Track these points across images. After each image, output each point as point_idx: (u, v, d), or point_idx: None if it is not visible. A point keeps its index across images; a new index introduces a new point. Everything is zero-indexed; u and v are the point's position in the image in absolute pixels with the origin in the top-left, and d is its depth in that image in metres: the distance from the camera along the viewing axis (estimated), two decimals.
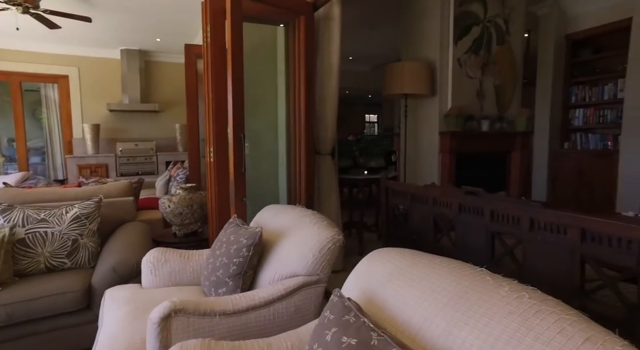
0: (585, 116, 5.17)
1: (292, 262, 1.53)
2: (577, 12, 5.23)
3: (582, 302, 1.31)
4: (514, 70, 4.16)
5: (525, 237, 1.47)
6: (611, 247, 1.21)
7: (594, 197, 4.86)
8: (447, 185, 1.87)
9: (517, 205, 1.49)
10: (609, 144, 4.87)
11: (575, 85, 5.31)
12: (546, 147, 5.39)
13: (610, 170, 4.70)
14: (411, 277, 1.01)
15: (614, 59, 4.91)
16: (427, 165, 3.87)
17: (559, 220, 1.35)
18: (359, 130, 13.45)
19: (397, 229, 2.29)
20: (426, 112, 3.86)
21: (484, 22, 3.86)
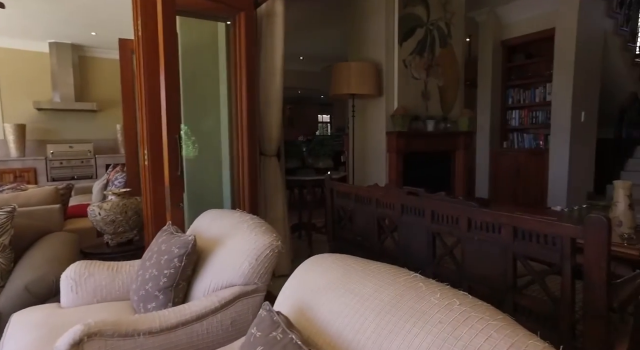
0: (521, 117, 5.51)
1: (228, 271, 1.44)
2: (511, 20, 5.55)
3: (515, 299, 1.34)
4: (456, 72, 4.31)
5: (464, 237, 1.49)
6: (539, 243, 1.25)
7: (529, 193, 5.18)
8: (390, 186, 1.86)
9: (456, 205, 1.50)
10: (541, 143, 5.21)
11: (512, 88, 5.64)
12: (487, 146, 5.67)
13: (542, 167, 5.03)
14: (345, 286, 0.96)
15: (542, 64, 5.27)
16: (375, 165, 3.91)
17: (494, 219, 1.37)
18: (310, 130, 13.46)
19: (343, 230, 2.26)
20: (373, 112, 3.90)
21: (427, 25, 3.97)
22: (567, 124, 4.74)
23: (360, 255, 2.15)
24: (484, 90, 5.66)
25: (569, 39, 4.68)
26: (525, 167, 5.24)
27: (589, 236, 1.10)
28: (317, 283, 1.02)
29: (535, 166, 5.13)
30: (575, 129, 4.79)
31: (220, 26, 2.77)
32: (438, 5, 4.04)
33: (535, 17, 5.26)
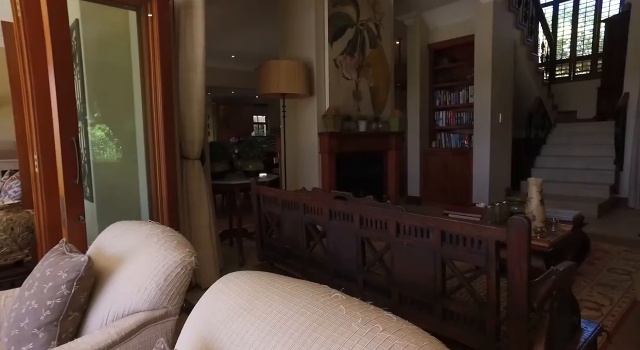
0: (447, 118, 5.78)
1: (131, 296, 1.23)
2: (436, 25, 5.81)
3: (444, 304, 1.30)
4: (386, 73, 4.37)
5: (393, 242, 1.43)
6: (465, 246, 1.21)
7: (456, 190, 5.45)
8: (317, 191, 1.76)
9: (384, 209, 1.44)
10: (466, 143, 5.51)
11: (439, 90, 5.90)
12: (417, 146, 5.87)
13: (467, 165, 5.31)
14: (256, 312, 0.82)
15: (465, 68, 5.57)
16: (308, 166, 3.81)
17: (422, 223, 1.32)
18: (245, 131, 13.10)
19: (271, 238, 2.12)
20: (305, 113, 3.81)
21: (357, 25, 3.97)
22: (487, 124, 5.05)
23: (290, 264, 2.05)
24: (413, 91, 5.86)
25: (486, 45, 4.99)
26: (452, 165, 5.50)
27: (511, 238, 1.08)
28: (226, 309, 0.88)
29: (461, 165, 5.41)
30: (494, 129, 5.13)
31: (132, 15, 2.48)
32: (367, 6, 4.07)
33: (457, 23, 5.55)
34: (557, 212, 2.96)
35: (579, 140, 6.20)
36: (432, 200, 5.70)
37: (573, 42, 7.89)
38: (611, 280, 2.71)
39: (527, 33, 6.03)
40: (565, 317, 1.36)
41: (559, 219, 2.81)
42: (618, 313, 2.23)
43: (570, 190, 5.39)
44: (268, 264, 2.17)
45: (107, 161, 2.90)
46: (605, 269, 2.93)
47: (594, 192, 5.19)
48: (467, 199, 5.28)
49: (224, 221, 4.00)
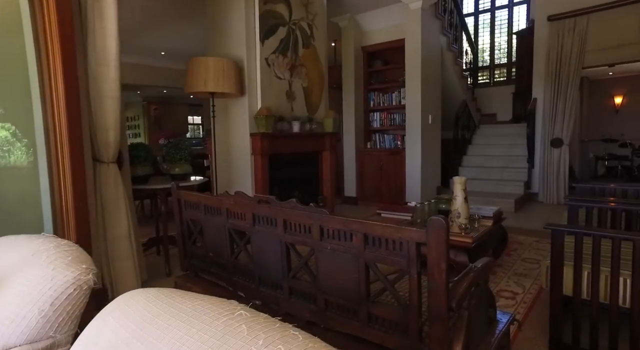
0: (381, 119, 5.94)
1: (3, 328, 1.04)
2: (370, 28, 5.95)
3: (369, 309, 1.27)
4: (320, 74, 4.36)
5: (317, 247, 1.37)
6: (388, 249, 1.19)
7: (391, 189, 5.61)
8: (240, 194, 1.65)
9: (307, 212, 1.38)
10: (399, 143, 5.69)
11: (373, 92, 6.04)
12: (353, 146, 5.96)
13: (401, 165, 5.49)
14: (148, 339, 0.71)
15: (397, 70, 5.76)
16: (240, 168, 3.67)
17: (345, 226, 1.28)
18: (176, 132, 12.46)
19: (194, 246, 1.97)
20: (236, 113, 3.66)
21: (290, 24, 3.90)
22: (418, 125, 5.26)
23: (215, 273, 1.91)
24: (348, 93, 5.94)
25: (415, 49, 5.20)
26: (387, 165, 5.66)
27: (431, 238, 1.08)
28: (112, 339, 0.75)
29: (395, 164, 5.58)
30: (425, 130, 5.36)
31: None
32: (300, 5, 4.02)
33: (389, 27, 5.73)
34: (479, 209, 3.14)
35: (499, 140, 6.71)
36: (368, 200, 5.81)
37: (492, 50, 8.56)
38: (524, 269, 2.92)
39: (452, 40, 6.40)
40: (483, 311, 1.40)
41: (481, 215, 2.97)
42: (529, 299, 2.40)
43: (492, 187, 5.81)
44: (192, 274, 2.02)
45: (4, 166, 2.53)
46: (520, 259, 3.16)
47: (511, 189, 5.64)
48: (401, 197, 5.46)
49: (150, 228, 3.72)
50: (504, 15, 8.37)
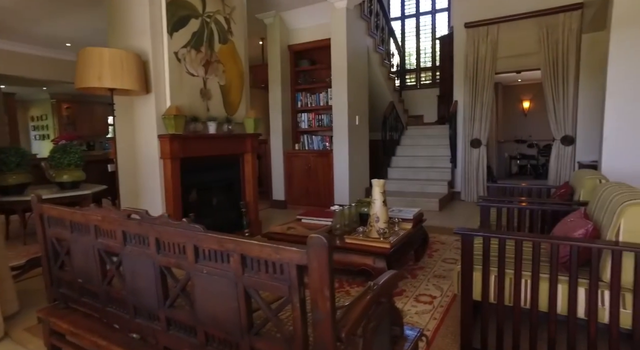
0: (309, 120, 5.81)
1: None
2: (296, 26, 5.79)
3: (252, 342, 1.07)
4: (240, 72, 4.10)
5: (193, 270, 1.14)
6: (268, 272, 1.00)
7: (320, 192, 5.50)
8: (107, 209, 1.37)
9: (180, 230, 1.15)
10: (327, 144, 5.60)
11: (300, 92, 5.89)
12: (281, 148, 5.76)
13: (329, 167, 5.40)
14: None
15: (324, 71, 5.67)
16: (149, 174, 3.29)
17: (220, 246, 1.07)
18: (98, 133, 11.36)
19: (62, 271, 1.63)
20: (142, 112, 3.28)
21: (203, 17, 3.60)
22: (345, 126, 5.20)
23: (87, 303, 1.59)
24: (275, 93, 5.73)
25: (341, 49, 5.14)
26: (315, 167, 5.54)
27: (312, 261, 0.90)
28: None
29: (323, 166, 5.48)
30: (352, 131, 5.32)
31: None
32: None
33: (315, 26, 5.61)
34: (401, 211, 3.10)
35: (425, 141, 6.93)
36: (296, 203, 5.65)
37: (418, 54, 8.87)
38: (443, 270, 2.93)
39: (379, 42, 6.48)
40: (385, 333, 1.27)
41: (402, 218, 2.93)
42: (446, 303, 2.37)
43: (418, 187, 5.95)
44: (62, 305, 1.68)
45: None
46: (440, 260, 3.18)
47: (436, 188, 5.82)
48: (329, 200, 5.37)
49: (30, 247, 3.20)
50: (428, 21, 8.72)
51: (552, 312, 1.60)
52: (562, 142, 5.25)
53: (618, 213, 1.50)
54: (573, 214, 1.86)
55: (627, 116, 3.20)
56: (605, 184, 1.97)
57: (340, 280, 2.79)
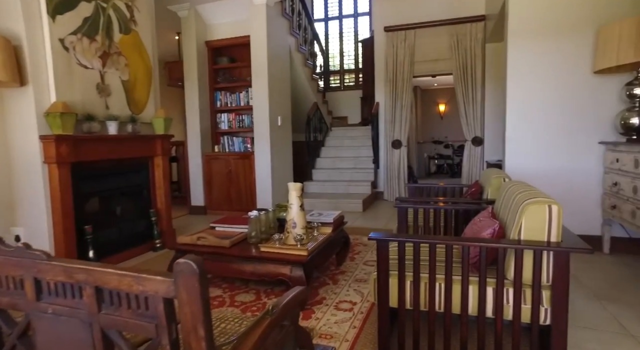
0: (229, 121, 5.50)
1: None
2: (214, 21, 5.46)
3: None
4: (147, 66, 3.70)
5: (34, 311, 0.87)
6: (130, 308, 0.78)
7: (242, 196, 5.24)
8: None
9: (13, 258, 0.87)
10: (249, 146, 5.35)
11: (219, 91, 5.56)
12: (199, 150, 5.38)
13: (251, 170, 5.16)
14: None
15: (245, 69, 5.42)
16: (28, 183, 2.79)
17: (69, 277, 0.83)
18: None
19: None
20: (17, 108, 2.76)
21: (98, 1, 3.16)
22: (266, 127, 5.01)
23: None
24: (192, 91, 5.34)
25: (261, 47, 4.94)
26: (237, 170, 5.26)
27: (180, 292, 0.71)
28: None
29: (245, 169, 5.22)
30: (274, 132, 5.14)
31: None
32: None
33: (234, 22, 5.34)
34: (320, 215, 3.00)
35: (349, 142, 7.00)
36: (217, 208, 5.32)
37: (341, 56, 8.99)
38: (365, 274, 2.88)
39: (301, 41, 6.38)
40: None
41: (321, 222, 2.82)
42: (366, 309, 2.30)
43: (343, 188, 5.96)
44: None
45: None
46: (362, 263, 3.14)
47: (360, 189, 5.88)
48: (252, 204, 5.13)
49: None
50: (351, 24, 8.88)
51: (464, 314, 1.59)
52: (472, 142, 5.62)
53: (520, 212, 1.52)
54: (482, 214, 1.89)
55: (525, 119, 3.45)
56: (508, 183, 2.04)
57: (258, 292, 2.60)
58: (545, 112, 3.39)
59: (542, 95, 3.39)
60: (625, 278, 2.71)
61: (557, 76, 3.33)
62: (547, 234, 1.48)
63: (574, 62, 3.27)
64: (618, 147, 2.97)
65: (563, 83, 3.32)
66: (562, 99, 3.33)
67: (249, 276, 2.41)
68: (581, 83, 3.27)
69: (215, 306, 2.40)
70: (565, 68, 3.30)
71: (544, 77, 3.37)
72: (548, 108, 3.38)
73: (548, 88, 3.37)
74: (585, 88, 3.26)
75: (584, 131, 3.29)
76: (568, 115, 3.32)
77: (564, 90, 3.32)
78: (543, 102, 3.39)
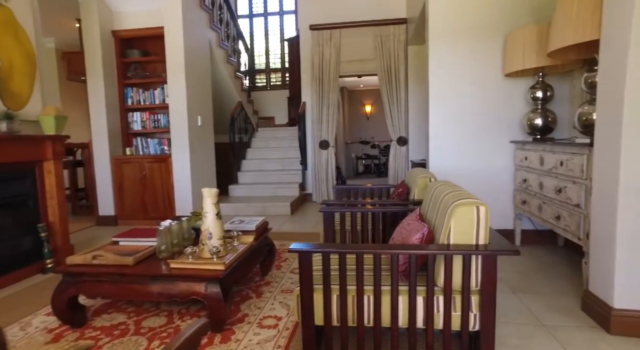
0: (143, 120, 4.96)
1: None
2: (120, 8, 4.88)
3: None
4: (27, 53, 3.12)
5: None
6: None
7: (159, 202, 4.75)
8: None
9: None
10: (166, 148, 4.88)
11: (130, 87, 4.99)
12: (107, 153, 4.77)
13: (168, 174, 4.70)
14: None
15: (160, 64, 4.94)
16: None
17: None
18: None
19: None
20: None
21: None
22: (184, 128, 4.59)
23: None
24: (96, 86, 4.71)
25: (177, 40, 4.52)
26: (152, 174, 4.75)
27: None
28: None
29: (161, 173, 4.74)
30: (194, 133, 4.74)
31: None
32: None
33: (146, 11, 4.83)
34: (242, 222, 2.75)
35: (277, 143, 6.78)
36: (130, 217, 4.76)
37: (267, 55, 8.73)
38: (292, 283, 2.69)
39: (223, 37, 6.02)
40: None
41: (242, 230, 2.57)
42: (292, 324, 2.11)
43: (270, 191, 5.72)
44: None
45: None
46: (289, 271, 2.95)
47: (288, 191, 5.69)
48: (171, 211, 4.68)
49: None
50: (277, 22, 8.66)
51: (395, 327, 1.47)
52: (397, 142, 5.73)
53: (448, 214, 1.44)
54: (410, 216, 1.80)
55: (446, 119, 3.54)
56: (435, 183, 1.98)
57: (171, 313, 2.28)
58: (464, 113, 3.50)
59: (461, 97, 3.49)
60: (534, 269, 2.86)
61: (474, 78, 3.46)
62: (476, 237, 1.41)
63: (488, 66, 3.42)
64: (526, 146, 3.15)
65: (479, 85, 3.45)
66: (478, 100, 3.47)
67: (158, 298, 2.07)
68: (494, 85, 3.43)
69: (116, 337, 2.03)
70: (480, 71, 3.44)
71: (463, 79, 3.48)
72: (466, 108, 3.49)
73: (466, 90, 3.48)
74: (498, 90, 3.43)
75: (498, 131, 3.45)
76: (484, 116, 3.47)
77: (480, 91, 3.46)
78: (462, 103, 3.50)
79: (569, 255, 3.15)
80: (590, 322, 2.05)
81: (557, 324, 2.05)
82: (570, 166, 2.42)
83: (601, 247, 2.01)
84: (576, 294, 2.40)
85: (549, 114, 3.10)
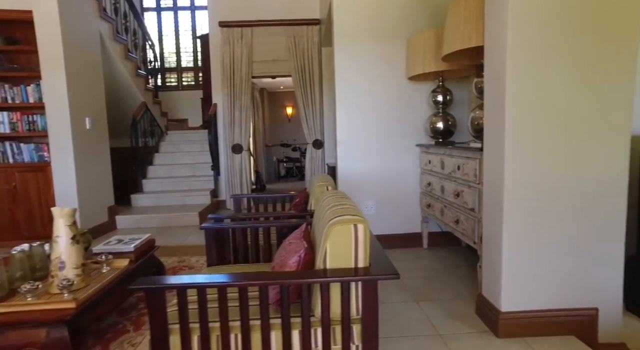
0: (12, 121, 4.20)
1: None
2: None
3: None
4: None
5: None
6: None
7: (35, 219, 4.05)
8: None
9: None
10: (46, 155, 4.17)
11: None
12: None
13: (48, 185, 4.03)
14: None
15: (34, 55, 4.21)
16: None
17: None
18: None
19: None
20: None
21: None
22: (67, 131, 3.97)
23: None
24: None
25: (52, 29, 3.88)
26: (26, 186, 4.04)
27: None
28: None
29: (39, 184, 4.04)
30: (80, 137, 4.12)
31: None
32: None
33: None
34: (119, 242, 2.35)
35: (188, 147, 6.28)
36: None
37: (178, 53, 8.11)
38: None
39: (120, 29, 5.39)
40: None
41: (116, 252, 2.19)
42: None
43: (179, 199, 5.25)
44: None
45: None
46: None
47: (198, 199, 5.26)
48: (50, 228, 4.00)
49: None
50: (188, 18, 8.09)
51: None
52: (313, 145, 5.60)
53: (325, 234, 1.26)
54: (294, 234, 1.60)
55: (353, 122, 3.45)
56: (327, 194, 1.81)
57: None
58: (371, 115, 3.44)
59: (367, 100, 3.43)
60: (438, 272, 2.87)
61: (379, 81, 3.41)
62: (354, 259, 1.25)
63: (392, 69, 3.40)
64: (429, 150, 3.16)
65: (384, 88, 3.41)
66: (384, 103, 3.43)
67: None
68: (399, 88, 3.41)
69: None
70: (385, 74, 3.40)
71: (368, 81, 3.41)
72: (373, 111, 3.44)
73: (372, 93, 3.42)
74: (402, 93, 3.42)
75: (403, 134, 3.45)
76: (391, 118, 3.44)
77: (385, 95, 3.42)
78: (368, 105, 3.43)
79: (469, 257, 3.23)
80: (482, 327, 2.05)
81: (452, 332, 2.01)
82: (466, 170, 2.43)
83: (491, 251, 2.01)
84: (473, 297, 2.42)
85: (449, 118, 3.14)
